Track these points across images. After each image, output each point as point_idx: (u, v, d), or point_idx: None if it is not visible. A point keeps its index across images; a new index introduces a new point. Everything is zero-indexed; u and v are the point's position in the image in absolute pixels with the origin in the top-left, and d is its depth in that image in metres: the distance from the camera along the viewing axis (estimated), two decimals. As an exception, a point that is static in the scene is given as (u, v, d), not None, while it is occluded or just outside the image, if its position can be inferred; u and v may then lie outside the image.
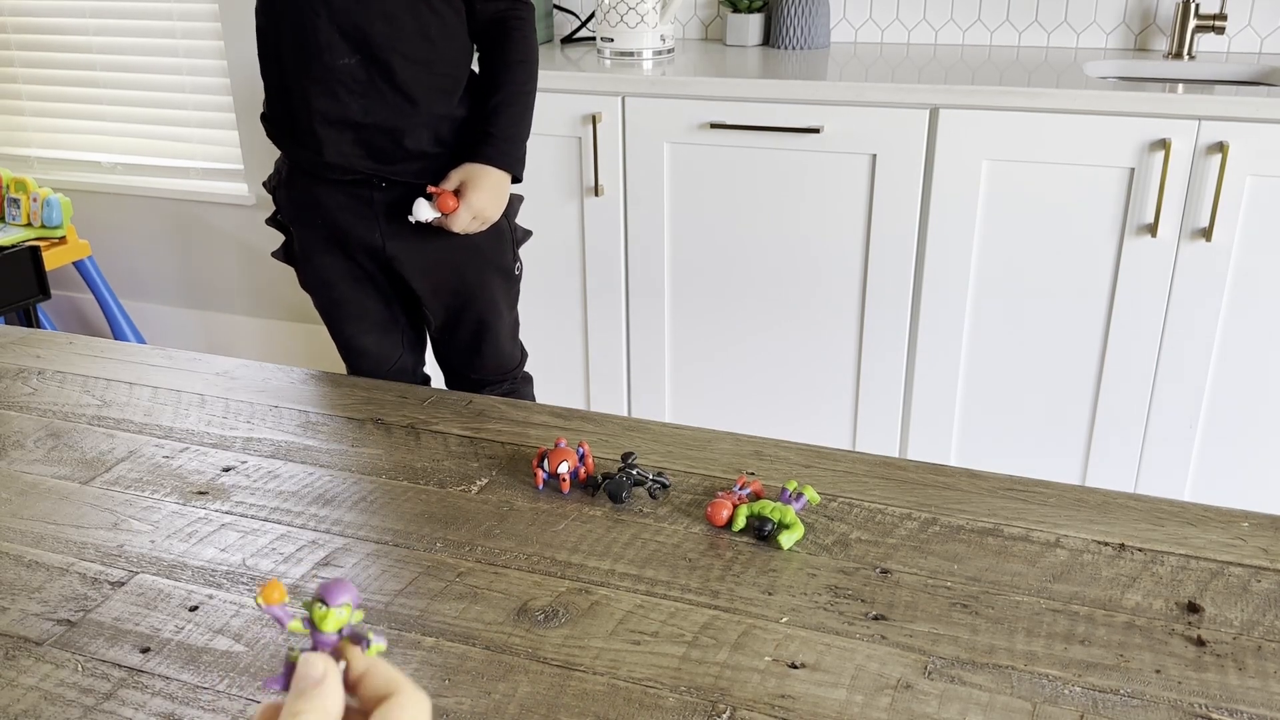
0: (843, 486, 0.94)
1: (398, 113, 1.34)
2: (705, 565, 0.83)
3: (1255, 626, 0.75)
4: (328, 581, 0.45)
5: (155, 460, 1.01)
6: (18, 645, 0.75)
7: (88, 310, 3.35)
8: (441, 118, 1.38)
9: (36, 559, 0.86)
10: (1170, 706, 0.68)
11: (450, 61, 1.38)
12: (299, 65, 1.32)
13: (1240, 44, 2.15)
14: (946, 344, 2.01)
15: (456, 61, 1.39)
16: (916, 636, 0.75)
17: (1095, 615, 0.77)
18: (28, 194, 2.91)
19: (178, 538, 0.88)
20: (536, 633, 0.76)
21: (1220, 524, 0.88)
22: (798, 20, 2.27)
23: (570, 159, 2.12)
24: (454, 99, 1.39)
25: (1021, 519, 0.89)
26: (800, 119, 1.95)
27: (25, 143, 3.32)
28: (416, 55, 1.33)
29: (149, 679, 0.72)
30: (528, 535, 0.88)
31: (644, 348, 2.23)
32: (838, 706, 0.68)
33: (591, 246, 2.17)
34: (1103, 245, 1.87)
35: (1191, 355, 1.88)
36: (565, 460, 0.94)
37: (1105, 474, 2.00)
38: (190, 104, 3.07)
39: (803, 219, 2.02)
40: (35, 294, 2.77)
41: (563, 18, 2.53)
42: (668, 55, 2.22)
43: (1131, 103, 1.79)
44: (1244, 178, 1.76)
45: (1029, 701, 0.68)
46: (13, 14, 3.18)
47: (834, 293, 2.05)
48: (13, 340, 1.31)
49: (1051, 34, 2.25)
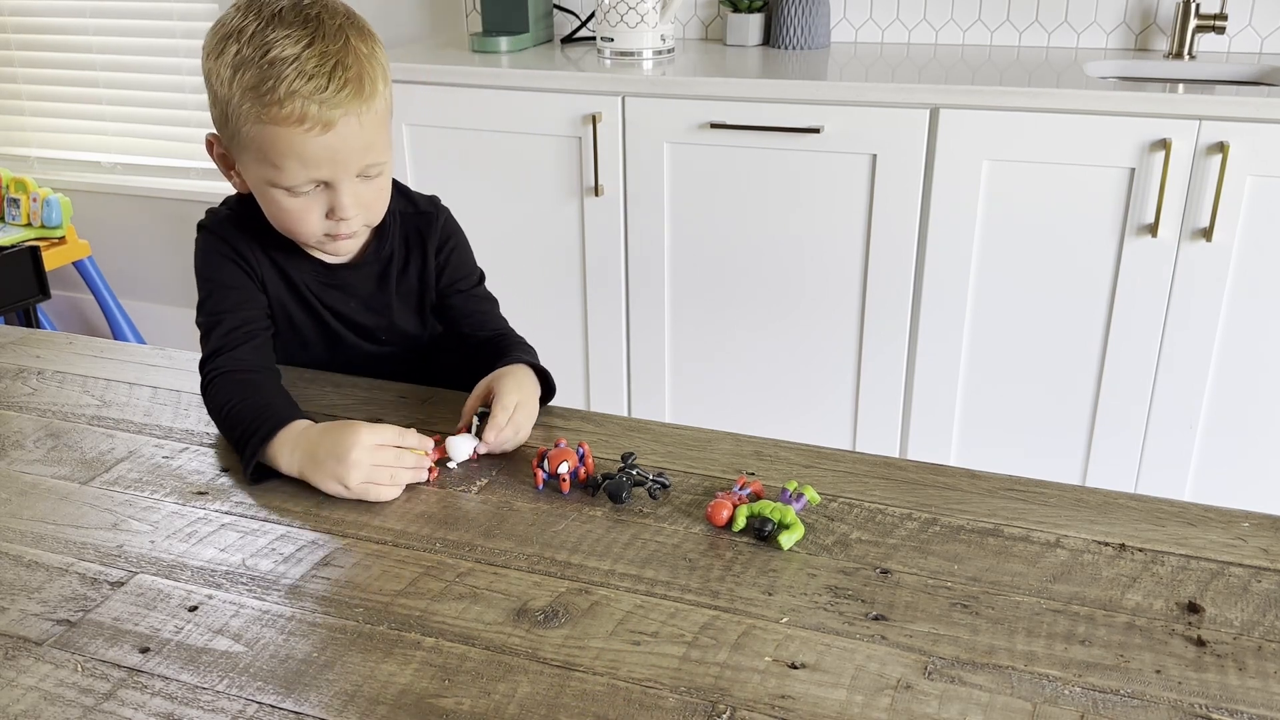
0: (843, 487, 0.94)
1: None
2: (705, 565, 0.83)
3: (1255, 627, 0.75)
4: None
5: (155, 460, 1.01)
6: (18, 645, 0.75)
7: (88, 310, 3.35)
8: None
9: (36, 559, 0.86)
10: (1170, 707, 0.68)
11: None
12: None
13: (1240, 44, 2.15)
14: (946, 344, 2.01)
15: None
16: (916, 637, 0.75)
17: (1095, 615, 0.77)
18: (28, 194, 2.91)
19: (177, 538, 0.88)
20: (536, 633, 0.76)
21: (1220, 524, 0.88)
22: (798, 20, 2.27)
23: (570, 159, 2.12)
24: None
25: (1022, 519, 0.89)
26: (800, 119, 1.95)
27: (25, 143, 3.32)
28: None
29: (149, 679, 0.72)
30: (528, 535, 0.88)
31: (644, 348, 2.23)
32: (838, 707, 0.68)
33: (591, 246, 2.17)
34: (1103, 245, 1.87)
35: (1191, 355, 1.88)
36: (565, 460, 0.94)
37: (1105, 474, 2.00)
38: (190, 104, 3.07)
39: (803, 219, 2.02)
40: (35, 294, 2.77)
41: (563, 18, 2.53)
42: (668, 55, 2.22)
43: (1132, 103, 1.79)
44: (1244, 178, 1.76)
45: (1029, 702, 0.68)
46: (13, 14, 3.18)
47: (834, 293, 2.05)
48: (13, 340, 1.31)
49: (1052, 34, 2.25)
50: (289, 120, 1.01)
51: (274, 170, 1.05)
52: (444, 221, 1.26)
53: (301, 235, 1.12)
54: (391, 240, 1.22)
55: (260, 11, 1.03)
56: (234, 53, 1.02)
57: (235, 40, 1.02)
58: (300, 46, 1.01)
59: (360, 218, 1.11)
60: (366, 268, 1.22)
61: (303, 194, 1.08)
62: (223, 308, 1.13)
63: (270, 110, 1.01)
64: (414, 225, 1.24)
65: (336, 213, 1.09)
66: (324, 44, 1.02)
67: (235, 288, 1.14)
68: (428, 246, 1.24)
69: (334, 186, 1.07)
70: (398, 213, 1.22)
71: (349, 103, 1.03)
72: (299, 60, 1.01)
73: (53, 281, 2.94)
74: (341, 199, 1.08)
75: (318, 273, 1.20)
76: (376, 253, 1.22)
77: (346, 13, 1.07)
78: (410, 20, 2.72)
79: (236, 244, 1.16)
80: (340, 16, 1.06)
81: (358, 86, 1.03)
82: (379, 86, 1.06)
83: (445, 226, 1.26)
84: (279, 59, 1.01)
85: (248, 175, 1.10)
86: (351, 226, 1.11)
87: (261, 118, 1.02)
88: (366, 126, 1.05)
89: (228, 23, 1.05)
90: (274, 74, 1.00)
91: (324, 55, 1.02)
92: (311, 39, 1.02)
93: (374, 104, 1.05)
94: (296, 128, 1.02)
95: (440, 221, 1.25)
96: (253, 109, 1.02)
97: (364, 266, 1.21)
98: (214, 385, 1.07)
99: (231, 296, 1.14)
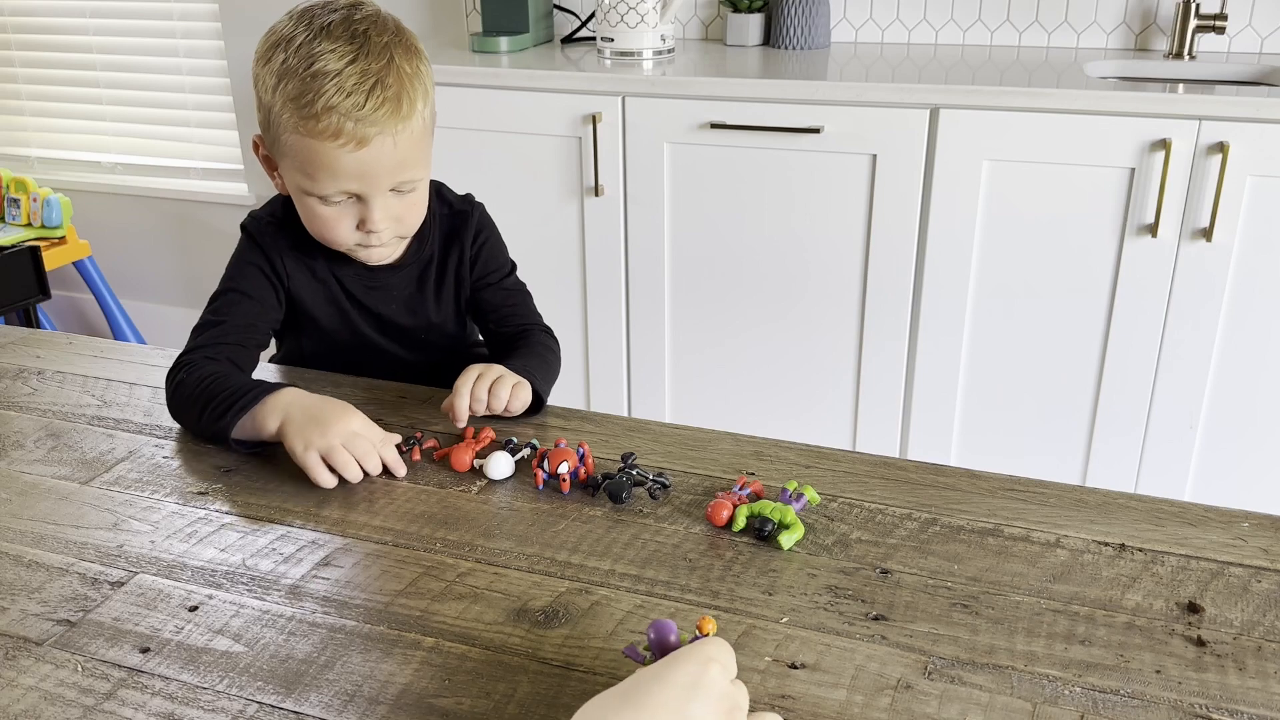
0: (843, 486, 0.94)
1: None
2: (705, 565, 0.83)
3: (1255, 627, 0.75)
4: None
5: (155, 460, 1.01)
6: (18, 645, 0.75)
7: (88, 310, 3.35)
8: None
9: (36, 559, 0.86)
10: (1170, 707, 0.68)
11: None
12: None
13: (1240, 44, 2.15)
14: (946, 344, 2.01)
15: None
16: (917, 637, 0.75)
17: (1095, 615, 0.77)
18: (28, 194, 2.91)
19: (178, 538, 0.88)
20: (536, 633, 0.76)
21: (1220, 524, 0.88)
22: (798, 20, 2.27)
23: (570, 159, 2.12)
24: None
25: (1022, 519, 0.89)
26: (800, 119, 1.95)
27: (25, 143, 3.32)
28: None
29: (149, 679, 0.72)
30: (528, 535, 0.88)
31: (644, 348, 2.23)
32: (838, 707, 0.68)
33: (591, 246, 2.17)
34: (1103, 245, 1.87)
35: (1191, 355, 1.88)
36: (565, 460, 0.94)
37: (1105, 474, 2.00)
38: (190, 104, 3.07)
39: (803, 219, 2.02)
40: (35, 294, 2.77)
41: (563, 18, 2.53)
42: (668, 55, 2.22)
43: (1132, 103, 1.79)
44: (1244, 178, 1.76)
45: (1029, 702, 0.68)
46: (13, 14, 3.18)
47: (834, 293, 2.05)
48: (13, 340, 1.31)
49: (1052, 34, 2.25)
50: (324, 134, 1.03)
51: (308, 180, 1.08)
52: (478, 217, 1.28)
53: (333, 243, 1.14)
54: (432, 242, 1.24)
55: (311, 23, 1.05)
56: (281, 61, 1.04)
57: (284, 49, 1.05)
58: (344, 62, 1.03)
59: (390, 230, 1.13)
60: (408, 269, 1.24)
61: (335, 204, 1.10)
62: (231, 312, 1.16)
63: (308, 123, 1.03)
64: (451, 225, 1.26)
65: (366, 225, 1.11)
66: (367, 61, 1.04)
67: (251, 297, 1.17)
68: (464, 244, 1.26)
69: (365, 200, 1.09)
70: (437, 214, 1.24)
71: (385, 121, 1.04)
72: (340, 76, 1.02)
73: (53, 281, 2.94)
74: (373, 213, 1.10)
75: (361, 275, 1.22)
76: (418, 254, 1.24)
77: (396, 29, 1.09)
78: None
79: (270, 251, 1.18)
80: (389, 33, 1.07)
81: (395, 106, 1.05)
82: (418, 105, 1.08)
83: (479, 221, 1.28)
84: (321, 73, 1.02)
85: (287, 179, 1.12)
86: (382, 239, 1.13)
87: (299, 129, 1.04)
88: (401, 145, 1.07)
89: (279, 30, 1.07)
90: (314, 87, 1.02)
91: (365, 74, 1.03)
92: (355, 56, 1.04)
93: (410, 123, 1.07)
94: (331, 142, 1.04)
95: (475, 218, 1.27)
96: (292, 119, 1.04)
97: (406, 268, 1.24)
98: (194, 364, 1.09)
99: (244, 305, 1.17)
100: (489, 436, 1.03)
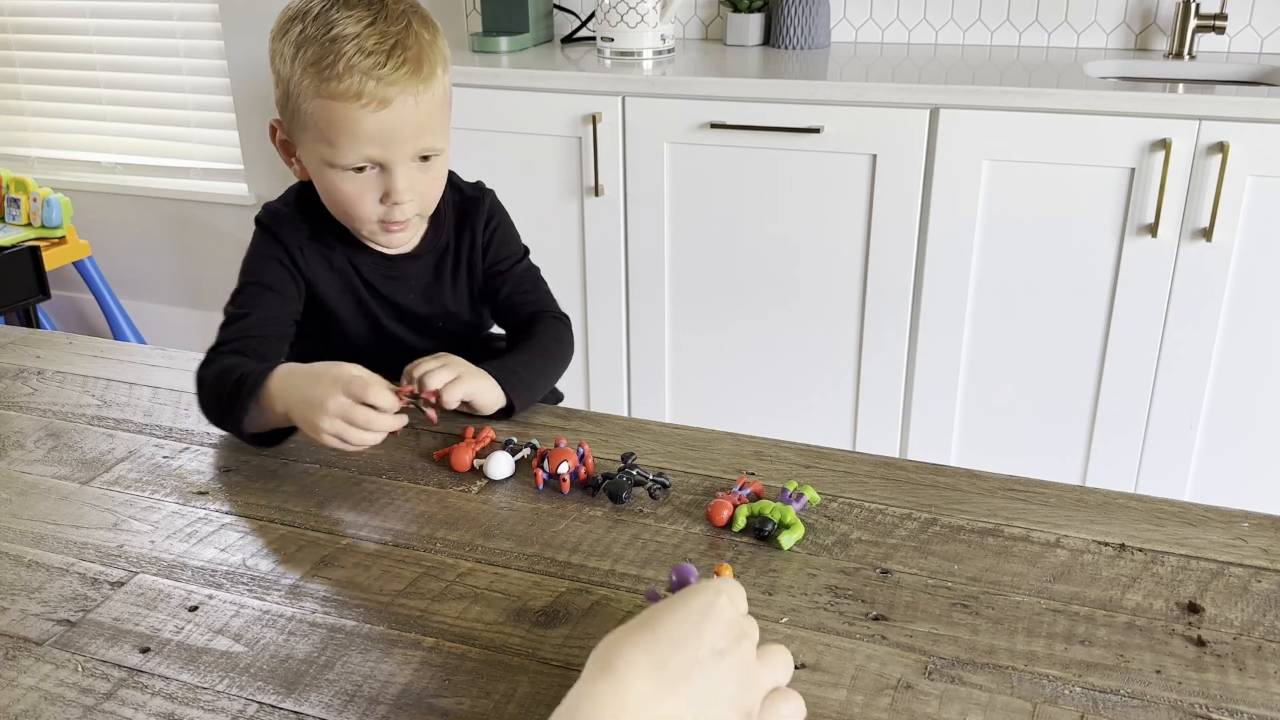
0: (843, 486, 0.94)
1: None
2: (705, 566, 0.83)
3: (1255, 627, 0.75)
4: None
5: (155, 460, 1.01)
6: (18, 645, 0.75)
7: (88, 310, 3.35)
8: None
9: (36, 559, 0.86)
10: (1170, 707, 0.68)
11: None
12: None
13: (1240, 44, 2.15)
14: (946, 344, 2.01)
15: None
16: (917, 637, 0.75)
17: (1095, 615, 0.77)
18: (28, 194, 2.91)
19: (178, 538, 0.88)
20: (536, 633, 0.76)
21: (1220, 524, 0.88)
22: (798, 20, 2.27)
23: (570, 159, 2.12)
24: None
25: (1022, 519, 0.89)
26: (800, 119, 1.95)
27: (25, 143, 3.32)
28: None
29: (149, 679, 0.72)
30: (528, 535, 0.88)
31: (644, 348, 2.23)
32: (838, 707, 0.68)
33: (591, 246, 2.17)
34: (1103, 245, 1.87)
35: (1191, 355, 1.88)
36: (565, 460, 0.94)
37: (1105, 474, 2.00)
38: (190, 104, 3.07)
39: (803, 219, 2.02)
40: (35, 294, 2.77)
41: (563, 18, 2.53)
42: (668, 55, 2.23)
43: (1132, 103, 1.79)
44: (1244, 178, 1.76)
45: (1029, 702, 0.68)
46: (13, 14, 3.18)
47: (834, 293, 2.05)
48: (13, 340, 1.31)
49: (1052, 34, 2.25)
50: (346, 95, 1.03)
51: (329, 149, 1.07)
52: (489, 204, 1.28)
53: (356, 220, 1.13)
54: (446, 230, 1.24)
55: None
56: (298, 31, 1.05)
57: (300, 20, 1.06)
58: (362, 25, 1.04)
59: (414, 204, 1.12)
60: (425, 258, 1.23)
61: (358, 177, 1.09)
62: (254, 305, 1.15)
63: (329, 85, 1.03)
64: (464, 211, 1.26)
65: (390, 196, 1.10)
66: (385, 24, 1.05)
67: (272, 289, 1.16)
68: (476, 231, 1.26)
69: (389, 169, 1.08)
70: (450, 201, 1.24)
71: (406, 81, 1.04)
72: (359, 38, 1.03)
73: (53, 281, 2.94)
74: (396, 182, 1.09)
75: (378, 264, 1.21)
76: (434, 242, 1.23)
77: (411, 1, 1.10)
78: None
79: (287, 242, 1.17)
80: (405, 2, 1.08)
81: (415, 67, 1.05)
82: (438, 71, 1.08)
83: (490, 208, 1.27)
84: (340, 36, 1.03)
85: (307, 159, 1.12)
86: (406, 212, 1.12)
87: (320, 92, 1.04)
88: (423, 108, 1.07)
89: (294, 6, 1.08)
90: (334, 50, 1.03)
91: (384, 35, 1.04)
92: (374, 19, 1.05)
93: (431, 86, 1.07)
94: (353, 103, 1.03)
95: (486, 204, 1.27)
96: (312, 84, 1.04)
97: (422, 257, 1.23)
98: (217, 359, 1.08)
99: (266, 298, 1.16)
100: (489, 436, 1.03)
